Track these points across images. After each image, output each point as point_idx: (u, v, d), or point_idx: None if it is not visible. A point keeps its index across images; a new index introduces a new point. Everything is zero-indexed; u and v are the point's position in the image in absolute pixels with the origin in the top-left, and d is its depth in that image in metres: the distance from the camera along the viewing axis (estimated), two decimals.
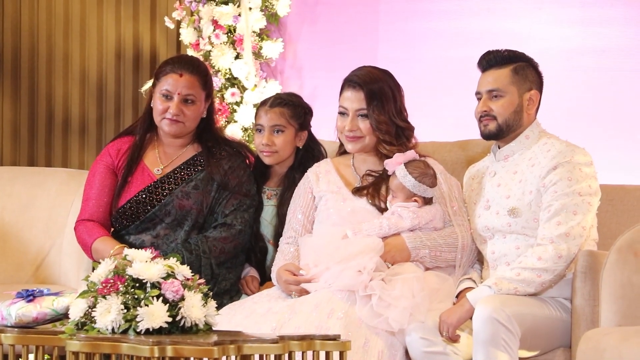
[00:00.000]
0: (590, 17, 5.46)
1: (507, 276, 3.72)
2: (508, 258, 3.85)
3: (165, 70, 4.21)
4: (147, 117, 4.27)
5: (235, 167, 4.25)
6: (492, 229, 3.90)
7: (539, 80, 3.96)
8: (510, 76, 3.90)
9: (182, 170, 4.23)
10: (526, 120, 3.92)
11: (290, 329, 3.65)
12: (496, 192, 3.90)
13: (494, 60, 3.93)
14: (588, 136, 5.35)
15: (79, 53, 6.31)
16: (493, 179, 3.94)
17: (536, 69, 3.97)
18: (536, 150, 3.88)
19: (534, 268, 3.71)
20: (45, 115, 6.32)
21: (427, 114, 4.16)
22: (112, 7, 6.29)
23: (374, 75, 4.08)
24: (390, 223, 3.94)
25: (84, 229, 4.23)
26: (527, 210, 3.82)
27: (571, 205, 3.74)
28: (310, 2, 6.00)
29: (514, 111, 3.90)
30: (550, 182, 3.77)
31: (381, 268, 3.86)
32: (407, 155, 3.99)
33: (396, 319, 3.71)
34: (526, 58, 3.97)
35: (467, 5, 5.68)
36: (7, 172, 5.09)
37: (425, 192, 3.97)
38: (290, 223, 4.15)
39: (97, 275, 3.32)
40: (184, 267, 3.34)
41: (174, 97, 4.17)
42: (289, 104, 4.36)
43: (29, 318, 3.47)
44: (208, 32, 5.91)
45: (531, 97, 3.91)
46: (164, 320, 3.21)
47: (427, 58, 5.73)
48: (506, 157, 3.94)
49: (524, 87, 3.91)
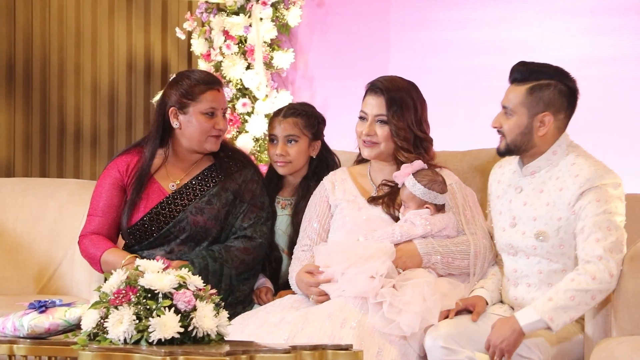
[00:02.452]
0: (601, 25, 5.46)
1: (562, 304, 3.59)
2: (529, 280, 3.80)
3: (200, 88, 4.16)
4: (158, 132, 4.21)
5: (248, 181, 4.24)
6: (515, 247, 3.83)
7: (560, 101, 3.76)
8: (523, 96, 3.75)
9: (195, 185, 4.20)
10: (539, 141, 3.77)
11: (303, 338, 3.65)
12: (523, 211, 3.81)
13: (517, 74, 3.79)
14: (600, 145, 5.34)
15: (90, 64, 6.33)
16: (519, 195, 3.84)
17: (561, 89, 3.76)
18: (564, 169, 3.77)
19: (589, 289, 3.60)
20: (57, 127, 6.35)
21: (438, 123, 4.14)
22: (124, 18, 6.32)
23: (397, 84, 4.09)
24: (402, 230, 3.94)
25: (89, 243, 4.20)
26: (555, 236, 3.74)
27: (604, 222, 3.65)
28: (321, 13, 6.02)
29: (521, 133, 3.76)
30: (581, 208, 3.68)
31: (392, 274, 3.85)
32: (415, 166, 4.00)
33: (408, 323, 3.71)
34: (552, 75, 3.78)
35: (478, 14, 5.68)
36: (19, 183, 5.10)
37: (435, 198, 3.97)
38: (306, 231, 4.15)
39: (109, 286, 3.32)
40: (196, 278, 3.34)
41: (217, 113, 4.17)
42: (302, 113, 4.37)
43: (42, 329, 3.47)
44: (219, 43, 5.92)
45: (543, 120, 3.75)
46: (176, 330, 3.21)
47: (438, 67, 5.74)
48: (532, 172, 3.82)
49: (535, 109, 3.75)
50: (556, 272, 3.75)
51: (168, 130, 4.20)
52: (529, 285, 3.80)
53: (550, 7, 5.58)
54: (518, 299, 3.82)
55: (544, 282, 3.77)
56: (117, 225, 4.24)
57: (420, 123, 4.08)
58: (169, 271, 3.32)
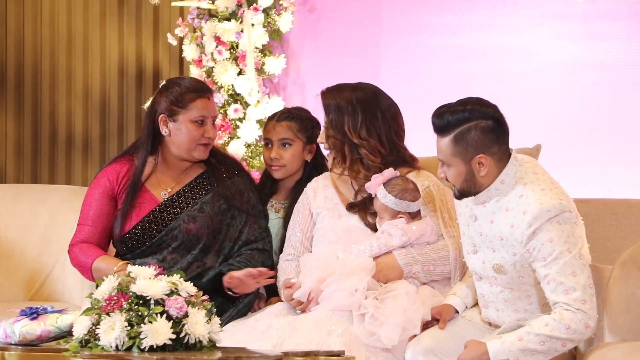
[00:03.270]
0: (592, 31, 5.47)
1: (531, 347, 3.53)
2: (497, 305, 3.76)
3: (190, 96, 4.13)
4: (148, 140, 4.18)
5: (244, 190, 4.23)
6: (479, 273, 3.78)
7: (488, 139, 3.62)
8: (450, 147, 3.63)
9: (187, 192, 4.18)
10: (484, 180, 3.66)
11: (291, 345, 3.65)
12: (480, 240, 3.74)
13: (436, 127, 3.68)
14: (590, 150, 5.37)
15: (82, 70, 6.33)
16: (474, 223, 3.75)
17: (483, 127, 3.60)
18: (512, 200, 3.66)
19: (561, 338, 3.53)
20: (49, 132, 6.34)
21: (427, 128, 4.13)
22: (115, 24, 6.31)
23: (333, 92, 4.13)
24: (379, 243, 3.93)
25: (79, 251, 4.17)
26: (512, 270, 3.67)
27: (566, 266, 3.55)
28: (313, 18, 6.02)
29: (465, 180, 3.66)
30: (534, 248, 3.59)
31: (374, 287, 3.85)
32: (385, 175, 3.97)
33: (388, 336, 3.70)
34: (469, 117, 3.63)
35: (469, 20, 5.68)
36: (10, 189, 5.09)
37: (408, 207, 3.96)
38: (290, 240, 4.15)
39: (100, 292, 3.32)
40: (188, 284, 3.34)
41: (207, 121, 4.15)
42: (297, 117, 4.38)
43: (33, 336, 3.46)
44: (210, 49, 5.92)
45: (480, 162, 3.63)
46: (168, 337, 3.21)
47: (429, 73, 5.74)
48: (483, 202, 3.72)
49: (467, 156, 3.62)
50: (520, 298, 3.71)
51: (158, 137, 4.19)
52: (497, 310, 3.76)
53: (541, 12, 5.58)
54: (490, 319, 3.80)
55: (510, 308, 3.73)
56: (108, 235, 4.22)
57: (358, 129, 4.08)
58: (161, 277, 3.33)
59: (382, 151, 4.04)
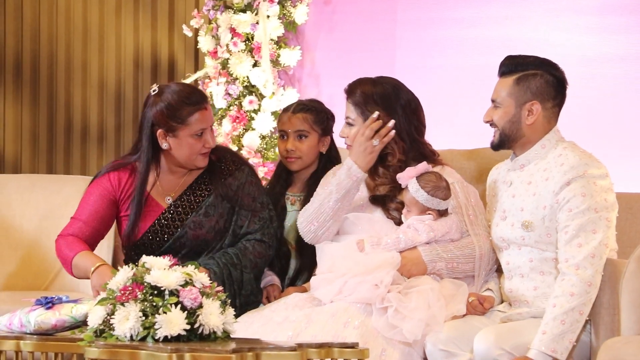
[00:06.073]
0: (608, 24, 5.45)
1: (557, 332, 3.58)
2: (521, 270, 3.80)
3: (188, 111, 4.02)
4: (149, 152, 4.08)
5: (244, 184, 4.16)
6: (507, 240, 3.85)
7: (547, 90, 3.80)
8: (510, 87, 3.78)
9: (189, 196, 4.13)
10: (528, 131, 3.79)
11: (307, 337, 3.65)
12: (511, 203, 3.83)
13: (505, 67, 3.83)
14: (606, 144, 5.35)
15: (97, 61, 6.34)
16: (509, 188, 3.86)
17: (548, 79, 3.80)
18: (551, 161, 3.78)
19: (574, 307, 3.59)
20: (64, 123, 6.35)
21: (443, 121, 4.14)
22: (131, 15, 6.32)
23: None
24: (407, 238, 3.91)
25: (65, 243, 4.08)
26: (541, 225, 3.74)
27: (589, 223, 3.64)
28: (328, 10, 6.02)
29: (510, 121, 3.79)
30: (564, 199, 3.68)
31: (398, 281, 3.85)
32: (419, 169, 3.94)
33: (411, 330, 3.70)
34: (539, 66, 3.81)
35: (485, 13, 5.67)
36: (26, 179, 5.11)
37: (438, 205, 3.93)
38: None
39: (115, 282, 3.33)
40: (202, 275, 3.35)
41: (206, 132, 4.04)
42: (312, 109, 4.37)
43: (48, 325, 3.48)
44: (226, 40, 5.92)
45: (530, 109, 3.78)
46: (182, 327, 3.22)
47: (444, 66, 5.73)
48: (522, 166, 3.85)
49: (522, 98, 3.78)
50: (547, 260, 3.76)
51: (157, 147, 4.09)
52: (522, 277, 3.81)
53: (557, 5, 5.57)
54: (513, 291, 3.84)
55: (535, 271, 3.78)
56: (98, 236, 4.14)
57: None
58: (175, 268, 3.33)
59: (403, 146, 4.02)
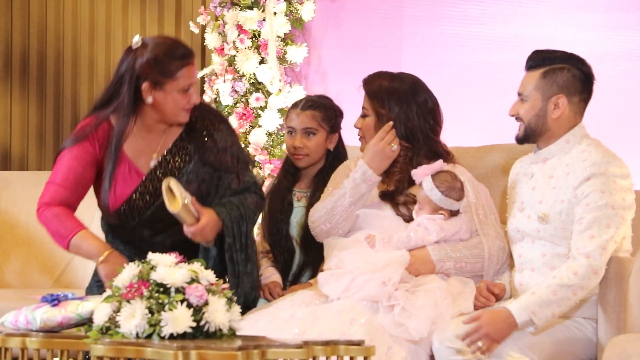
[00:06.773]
0: (615, 21, 5.45)
1: (545, 298, 3.61)
2: (533, 264, 3.81)
3: (176, 65, 3.90)
4: (130, 105, 3.91)
5: (225, 146, 4.02)
6: (522, 231, 3.85)
7: (574, 85, 3.80)
8: (537, 80, 3.80)
9: (169, 160, 4.01)
10: (553, 125, 3.80)
11: (313, 335, 3.65)
12: (531, 195, 3.83)
13: (532, 61, 3.84)
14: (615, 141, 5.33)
15: (104, 58, 6.34)
16: (530, 181, 3.86)
17: (575, 73, 3.80)
18: (574, 156, 3.78)
19: (570, 285, 3.61)
20: (71, 120, 6.36)
21: (450, 118, 4.12)
22: (137, 11, 6.32)
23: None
24: (417, 237, 3.90)
25: (55, 217, 3.93)
26: (557, 219, 3.74)
27: (604, 218, 3.64)
28: (335, 7, 6.01)
29: (536, 115, 3.80)
30: (583, 194, 3.68)
31: (406, 279, 3.84)
32: (434, 167, 3.92)
33: (417, 328, 3.69)
34: (566, 60, 3.82)
35: (492, 10, 5.67)
36: (32, 176, 5.11)
37: (451, 205, 3.92)
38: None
39: (121, 279, 3.33)
40: (208, 272, 3.35)
41: (192, 87, 3.94)
42: (320, 106, 4.36)
43: (54, 322, 3.48)
44: (233, 37, 5.92)
45: (557, 103, 3.79)
46: (188, 325, 3.21)
47: (451, 63, 5.73)
48: (545, 159, 3.85)
49: (549, 92, 3.79)
50: (560, 256, 3.76)
51: (138, 102, 3.94)
52: (532, 270, 3.81)
53: (564, 2, 5.57)
54: (523, 284, 3.84)
55: (547, 265, 3.78)
56: (80, 201, 3.99)
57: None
58: (181, 265, 3.33)
59: (412, 143, 4.02)
